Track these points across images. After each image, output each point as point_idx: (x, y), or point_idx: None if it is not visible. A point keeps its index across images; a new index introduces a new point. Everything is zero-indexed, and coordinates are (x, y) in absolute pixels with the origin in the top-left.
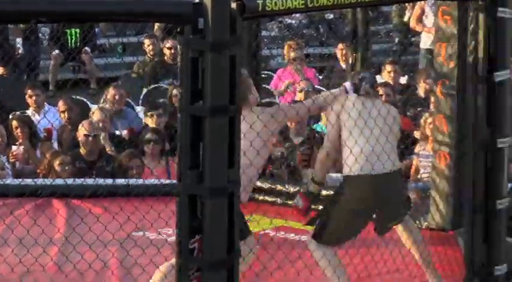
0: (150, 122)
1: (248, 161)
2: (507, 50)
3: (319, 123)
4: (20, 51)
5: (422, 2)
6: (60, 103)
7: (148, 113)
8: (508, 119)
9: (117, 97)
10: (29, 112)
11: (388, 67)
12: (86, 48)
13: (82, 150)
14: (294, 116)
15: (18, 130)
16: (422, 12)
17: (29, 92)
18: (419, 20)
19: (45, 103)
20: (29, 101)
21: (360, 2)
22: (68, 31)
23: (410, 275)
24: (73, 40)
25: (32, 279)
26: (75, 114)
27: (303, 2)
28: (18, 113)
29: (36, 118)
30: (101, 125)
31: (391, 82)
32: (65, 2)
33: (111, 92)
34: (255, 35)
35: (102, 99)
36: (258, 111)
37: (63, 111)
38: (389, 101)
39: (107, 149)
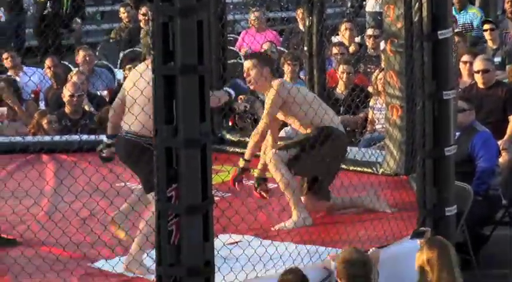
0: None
1: None
2: (448, 10)
3: (284, 79)
4: (1, 19)
5: None
6: (48, 60)
7: (127, 66)
8: (451, 73)
9: (87, 58)
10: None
11: (344, 26)
12: (77, 19)
13: (67, 110)
14: None
15: (5, 90)
16: None
17: (4, 54)
18: None
19: (26, 66)
20: (5, 62)
21: None
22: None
23: None
24: (65, 8)
25: (24, 228)
26: (60, 72)
27: None
28: (3, 76)
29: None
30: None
31: (346, 40)
32: None
33: (80, 53)
34: (220, 1)
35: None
36: None
37: (50, 68)
38: (343, 58)
39: (86, 108)
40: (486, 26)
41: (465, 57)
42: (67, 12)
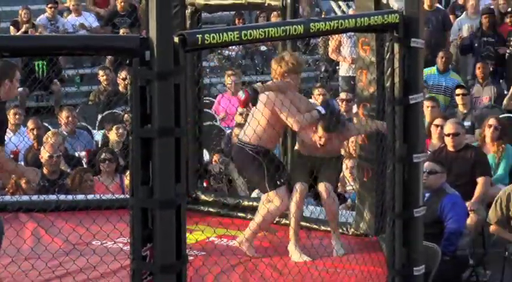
0: (113, 135)
1: None
2: (420, 75)
3: None
4: None
5: (340, 34)
6: (30, 122)
7: (114, 127)
8: (421, 137)
9: (70, 118)
10: None
11: (317, 91)
12: (55, 80)
13: (45, 170)
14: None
15: None
16: (340, 43)
17: (13, 110)
18: (338, 50)
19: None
20: (11, 118)
21: (288, 35)
22: (36, 62)
23: None
24: (40, 70)
25: None
26: (42, 134)
27: (237, 35)
28: None
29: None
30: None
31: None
32: (27, 37)
33: (64, 113)
34: (196, 65)
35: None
36: None
37: (32, 129)
38: None
39: (63, 168)
40: (459, 91)
41: (437, 121)
42: (44, 74)
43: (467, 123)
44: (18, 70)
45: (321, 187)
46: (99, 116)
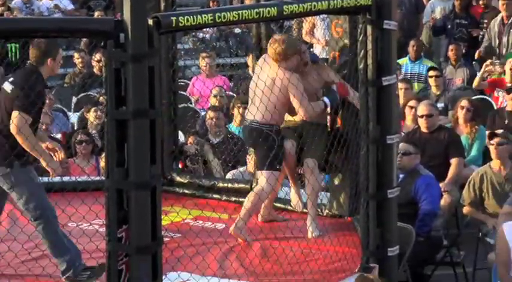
0: (92, 117)
1: None
2: (393, 57)
3: (232, 123)
4: None
5: (313, 17)
6: None
7: (92, 109)
8: (395, 118)
9: (47, 101)
10: None
11: None
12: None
13: None
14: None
15: None
16: (313, 26)
17: None
18: (311, 33)
19: None
20: None
21: (262, 18)
22: (9, 46)
23: None
24: (13, 54)
25: None
26: None
27: (211, 17)
28: None
29: None
30: (43, 127)
31: None
32: (2, 20)
33: None
34: (171, 47)
35: None
36: None
37: None
38: None
39: None
40: (431, 73)
41: (411, 103)
42: (16, 58)
43: (440, 105)
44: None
45: (305, 165)
46: (75, 99)
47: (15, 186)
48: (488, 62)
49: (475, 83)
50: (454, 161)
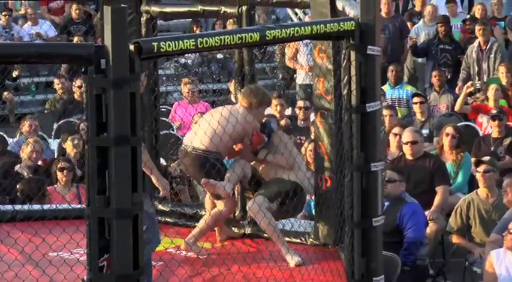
0: (69, 146)
1: None
2: (377, 83)
3: None
4: None
5: (297, 42)
6: None
7: (69, 137)
8: (379, 145)
9: (32, 127)
10: None
11: (275, 101)
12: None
13: None
14: None
15: None
16: (296, 51)
17: None
18: (294, 58)
19: None
20: None
21: (244, 43)
22: None
23: None
24: None
25: None
26: None
27: (193, 43)
28: None
29: None
30: (34, 155)
31: (278, 114)
32: None
33: (26, 122)
34: (152, 73)
35: (17, 133)
36: None
37: None
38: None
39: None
40: (416, 99)
41: (395, 130)
42: None
43: (425, 131)
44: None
45: (250, 202)
46: (55, 125)
47: None
48: (469, 83)
49: (457, 107)
50: (439, 189)
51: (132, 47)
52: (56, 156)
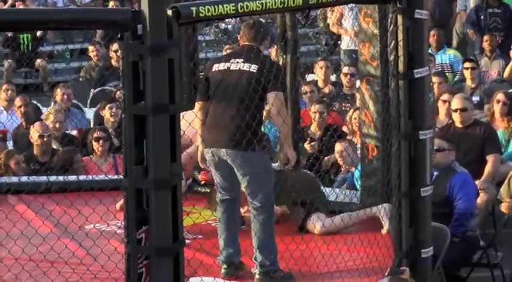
0: (107, 114)
1: None
2: (424, 49)
3: None
4: None
5: (341, 6)
6: (18, 99)
7: (107, 106)
8: (427, 112)
9: (65, 96)
10: None
11: (321, 63)
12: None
13: (36, 151)
14: None
15: None
16: (341, 16)
17: (5, 86)
18: (339, 23)
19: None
20: (3, 93)
21: (287, 7)
22: (21, 36)
23: None
24: (25, 44)
25: None
26: (30, 111)
27: (234, 7)
28: None
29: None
30: (57, 125)
31: (322, 79)
32: (12, 11)
33: (59, 91)
34: (191, 39)
35: (52, 101)
36: None
37: (20, 107)
38: (317, 98)
39: (55, 147)
40: (467, 64)
41: (444, 96)
42: (29, 49)
43: (475, 98)
44: None
45: (317, 226)
46: (91, 93)
47: (252, 170)
48: None
49: (506, 73)
50: (490, 158)
51: (170, 12)
52: (92, 126)
